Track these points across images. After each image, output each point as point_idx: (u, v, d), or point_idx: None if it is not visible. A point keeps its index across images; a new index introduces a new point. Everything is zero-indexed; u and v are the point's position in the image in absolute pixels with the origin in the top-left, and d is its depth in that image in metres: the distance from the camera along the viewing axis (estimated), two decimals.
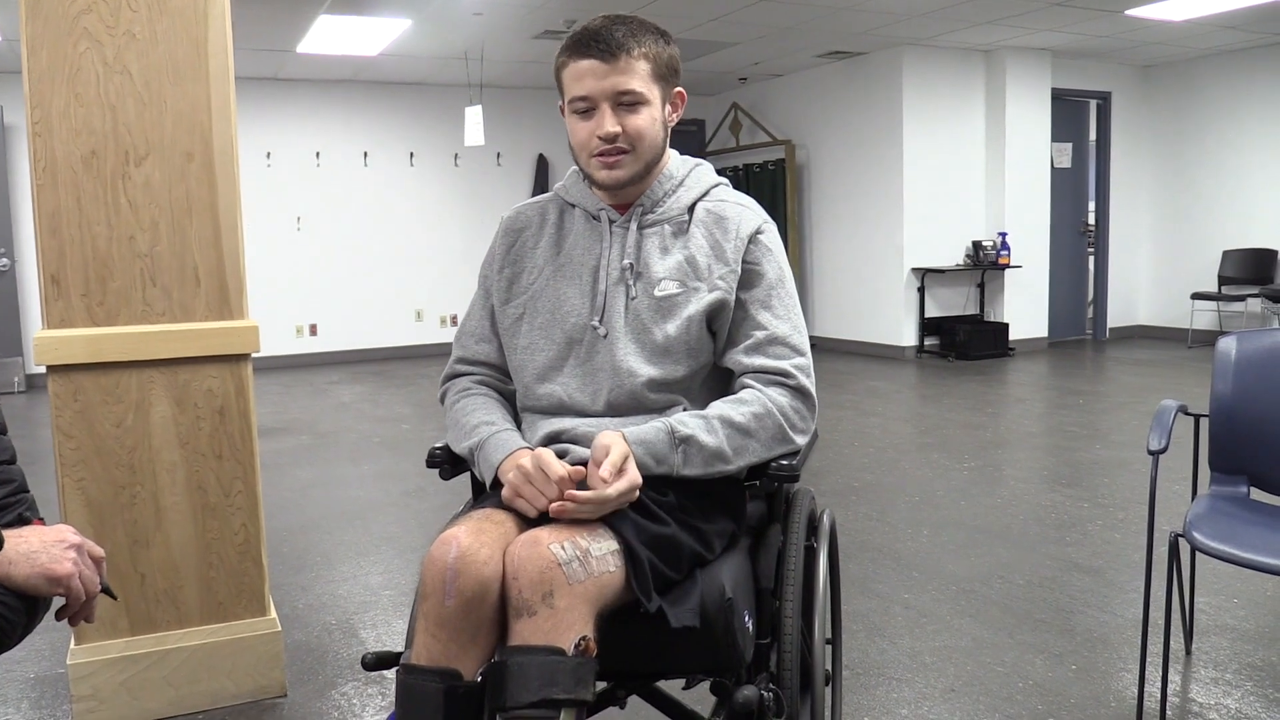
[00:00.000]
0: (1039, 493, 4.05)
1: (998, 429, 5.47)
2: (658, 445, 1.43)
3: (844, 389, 6.86)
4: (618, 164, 1.54)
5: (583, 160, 1.58)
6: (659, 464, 1.43)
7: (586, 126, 1.54)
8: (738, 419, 1.47)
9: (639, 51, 1.53)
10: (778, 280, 1.57)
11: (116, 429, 2.23)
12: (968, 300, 8.57)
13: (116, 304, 2.21)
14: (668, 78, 1.59)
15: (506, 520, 1.37)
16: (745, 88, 9.83)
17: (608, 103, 1.52)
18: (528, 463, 1.39)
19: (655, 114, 1.56)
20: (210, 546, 2.33)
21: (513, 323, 1.63)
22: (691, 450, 1.44)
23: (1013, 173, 8.39)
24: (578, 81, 1.53)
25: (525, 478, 1.38)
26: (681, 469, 1.44)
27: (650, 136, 1.55)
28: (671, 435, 1.44)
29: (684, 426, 1.45)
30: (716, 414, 1.48)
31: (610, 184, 1.56)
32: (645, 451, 1.42)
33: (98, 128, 2.16)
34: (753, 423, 1.48)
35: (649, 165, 1.58)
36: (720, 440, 1.46)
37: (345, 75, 8.61)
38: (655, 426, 1.45)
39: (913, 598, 2.91)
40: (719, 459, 1.46)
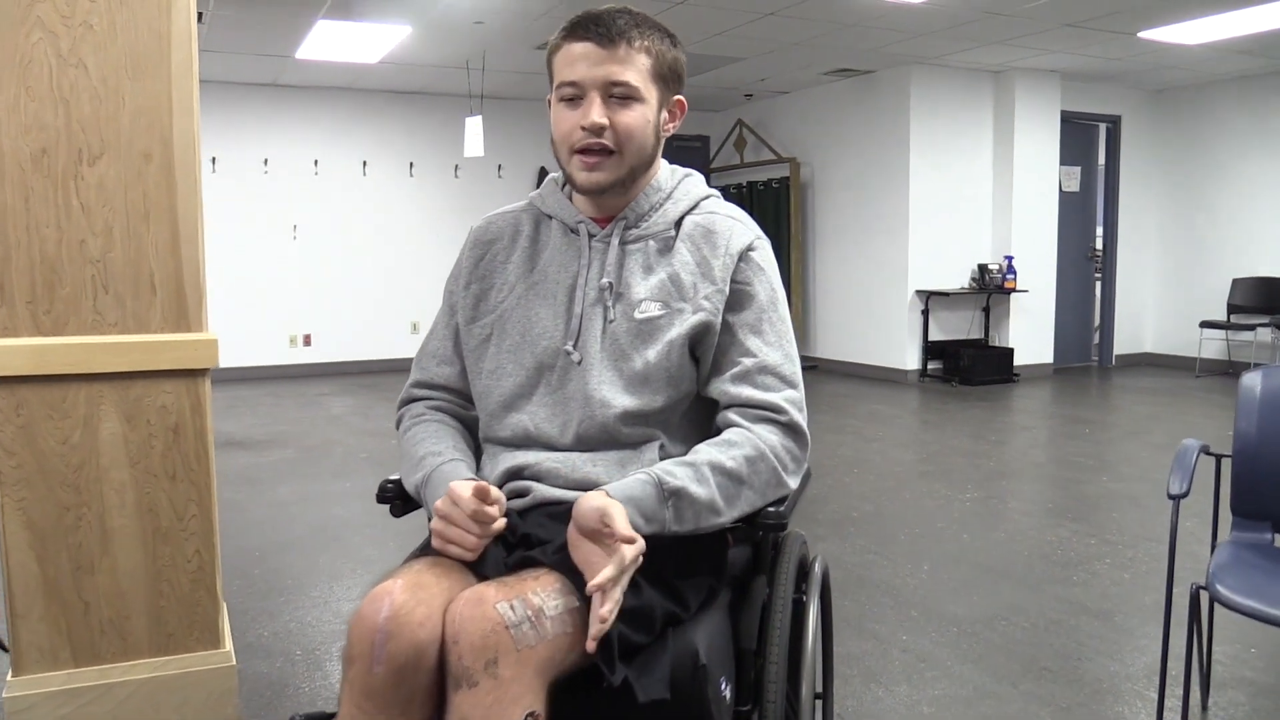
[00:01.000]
0: (1044, 527, 3.89)
1: (1002, 458, 5.32)
2: (646, 501, 1.27)
3: (844, 413, 6.70)
4: (599, 165, 1.40)
5: (563, 156, 1.43)
6: (649, 522, 1.26)
7: (571, 116, 1.40)
8: (729, 465, 1.32)
9: (640, 44, 1.39)
10: (770, 303, 1.42)
11: (62, 446, 2.08)
12: (972, 324, 8.42)
13: (65, 312, 2.06)
14: (668, 81, 1.44)
15: (452, 571, 1.21)
16: (750, 104, 9.72)
17: (598, 92, 1.38)
18: (442, 504, 1.24)
19: (649, 115, 1.41)
20: (161, 573, 2.17)
21: (478, 344, 1.48)
22: (682, 504, 1.29)
23: (1020, 196, 8.25)
24: (569, 66, 1.39)
25: (445, 519, 1.23)
26: (672, 526, 1.28)
27: (640, 139, 1.41)
28: (660, 489, 1.28)
29: (672, 478, 1.29)
30: (706, 460, 1.32)
31: (590, 187, 1.41)
32: (634, 510, 1.25)
33: (49, 124, 2.02)
34: (745, 468, 1.33)
35: (635, 172, 1.43)
36: (712, 491, 1.30)
37: (345, 83, 8.49)
38: (641, 480, 1.28)
39: (911, 640, 2.75)
40: (711, 511, 1.31)
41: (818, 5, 6.01)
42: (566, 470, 1.35)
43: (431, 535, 1.26)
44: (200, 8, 5.90)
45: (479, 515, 1.22)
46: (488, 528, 1.24)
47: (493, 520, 1.24)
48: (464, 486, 1.24)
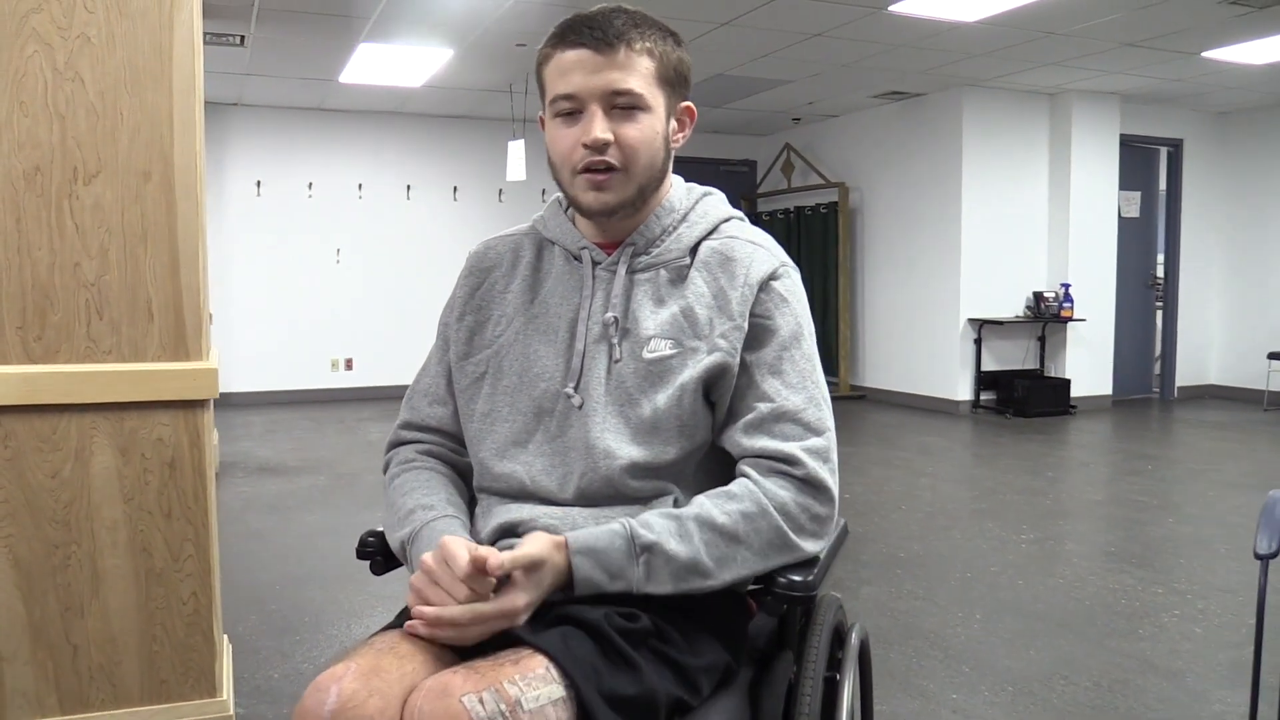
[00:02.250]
0: (1106, 573, 3.65)
1: (1058, 496, 5.06)
2: (611, 555, 1.11)
3: (893, 445, 6.46)
4: (608, 184, 1.24)
5: (564, 178, 1.27)
6: (613, 579, 1.11)
7: (570, 134, 1.24)
8: (720, 520, 1.15)
9: (642, 45, 1.23)
10: (792, 338, 1.24)
11: (51, 480, 1.96)
12: (1027, 354, 8.14)
13: (56, 339, 1.95)
14: (675, 85, 1.28)
15: (416, 654, 1.05)
16: (798, 128, 9.55)
17: (599, 104, 1.22)
18: (430, 559, 1.08)
19: (657, 126, 1.25)
20: (154, 617, 2.05)
21: (471, 383, 1.32)
22: (657, 561, 1.12)
23: (1077, 221, 7.97)
24: (563, 77, 1.23)
25: (429, 579, 1.08)
26: (644, 585, 1.12)
27: (648, 153, 1.25)
28: (631, 541, 1.12)
29: (648, 531, 1.13)
30: (694, 514, 1.16)
31: (597, 209, 1.25)
32: (595, 564, 1.10)
33: (43, 140, 1.92)
34: (741, 525, 1.15)
35: (644, 190, 1.27)
36: (695, 549, 1.13)
37: (389, 107, 8.48)
38: (610, 531, 1.13)
39: (963, 699, 2.54)
40: (694, 573, 1.14)
41: (866, 26, 5.85)
42: (565, 528, 1.19)
43: (409, 594, 1.11)
44: (241, 31, 5.90)
45: (471, 581, 1.06)
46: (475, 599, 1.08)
47: (485, 597, 1.07)
48: (459, 545, 1.08)
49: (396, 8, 5.48)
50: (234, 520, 4.47)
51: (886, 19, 5.70)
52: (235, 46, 6.23)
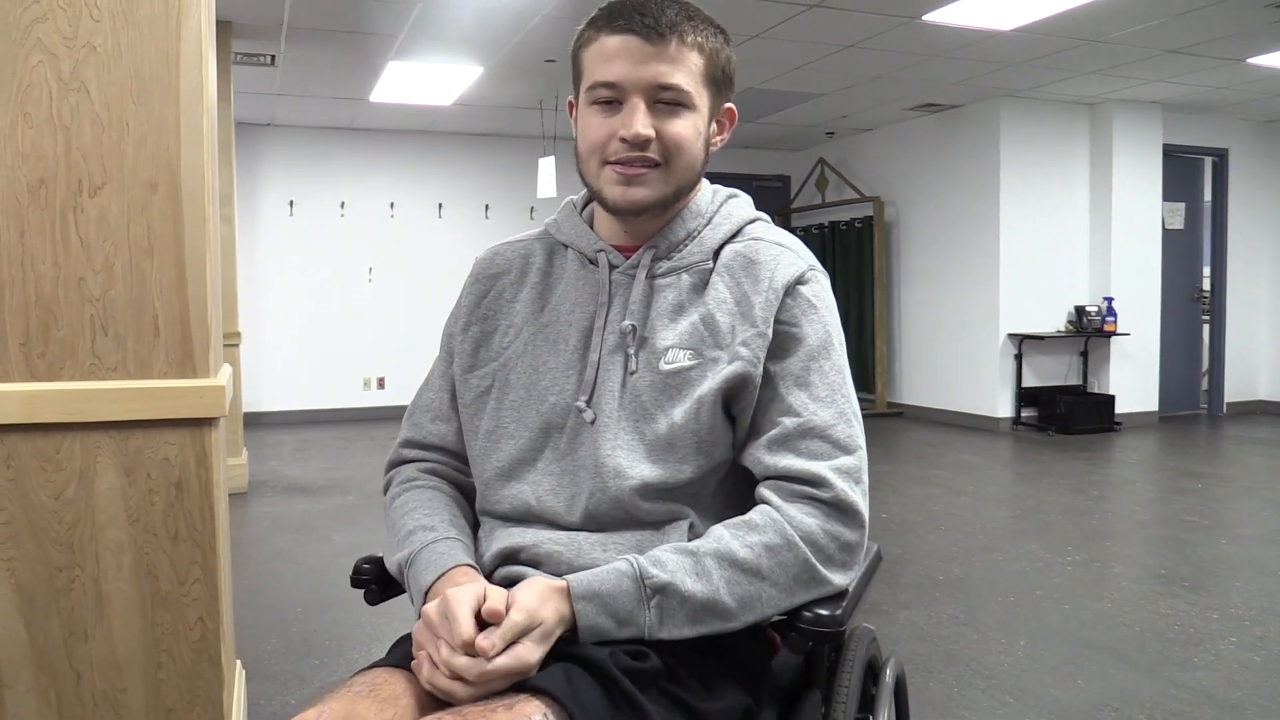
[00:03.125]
0: (1156, 597, 3.49)
1: (1104, 515, 4.88)
2: (620, 599, 1.01)
3: (931, 463, 6.31)
4: (641, 179, 1.14)
5: (591, 169, 1.18)
6: (622, 625, 1.01)
7: (606, 124, 1.14)
8: (741, 555, 1.05)
9: (694, 39, 1.14)
10: (821, 348, 1.14)
11: (54, 501, 1.90)
12: (1069, 369, 7.94)
13: (60, 356, 1.89)
14: (721, 85, 1.19)
15: (400, 697, 0.96)
16: (832, 142, 9.44)
17: (641, 97, 1.13)
18: (433, 609, 0.99)
19: (699, 125, 1.17)
20: (159, 643, 1.97)
21: (475, 398, 1.24)
22: (670, 603, 1.02)
23: (1120, 234, 7.79)
24: (605, 64, 1.13)
25: (430, 631, 0.98)
26: (657, 631, 1.02)
27: (689, 152, 1.16)
28: (640, 583, 1.02)
29: (659, 569, 1.03)
30: (711, 548, 1.05)
31: (625, 205, 1.16)
32: (599, 609, 1.01)
33: (48, 152, 1.87)
34: (764, 559, 1.05)
35: (679, 192, 1.18)
36: (715, 587, 1.03)
37: (420, 125, 8.48)
38: (616, 570, 1.03)
39: None
40: (714, 614, 1.04)
41: (900, 36, 5.74)
42: (570, 555, 1.10)
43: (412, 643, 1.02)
44: (271, 50, 5.91)
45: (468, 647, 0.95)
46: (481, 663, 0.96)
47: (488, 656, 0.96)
48: (462, 605, 0.97)
49: (424, 25, 5.46)
50: (260, 540, 4.43)
51: (920, 29, 5.59)
52: (266, 66, 6.24)
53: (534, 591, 1.00)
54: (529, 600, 0.98)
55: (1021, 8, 5.27)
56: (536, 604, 0.98)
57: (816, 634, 1.03)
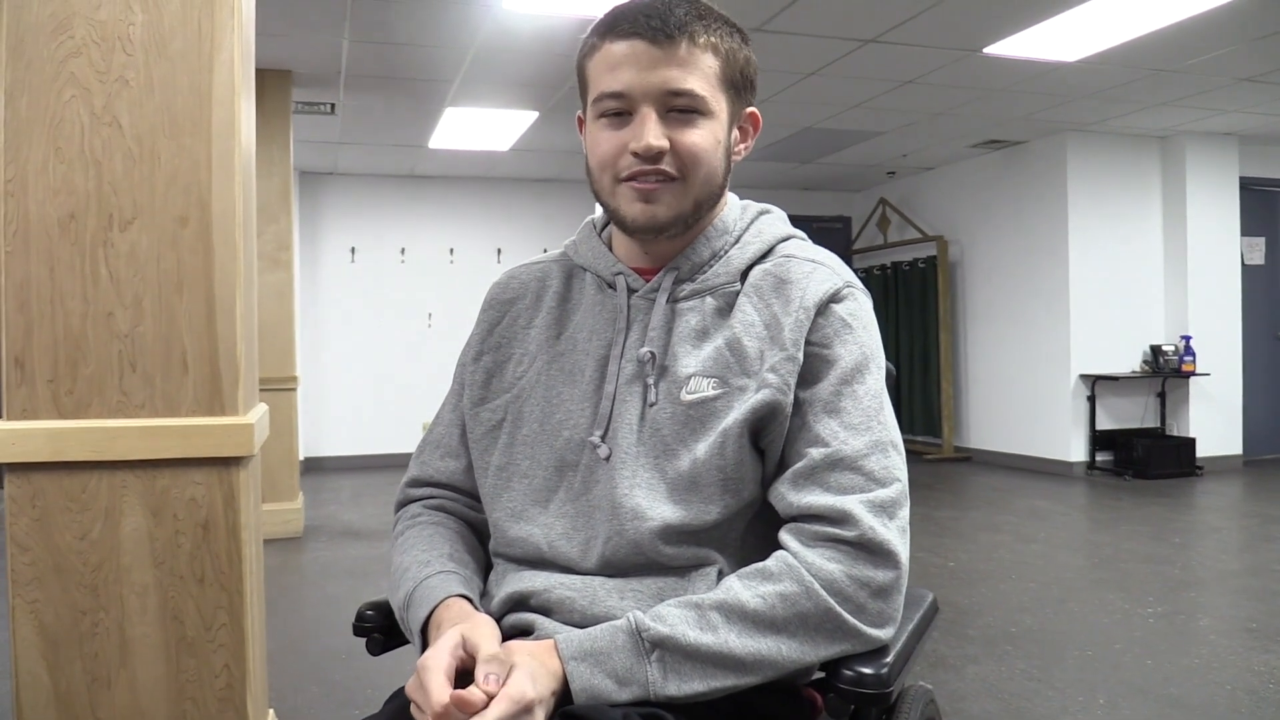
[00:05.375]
0: (1247, 652, 3.25)
1: (1188, 564, 4.62)
2: (616, 656, 0.91)
3: (1001, 509, 6.07)
4: (657, 195, 1.05)
5: (604, 187, 1.09)
6: (623, 685, 0.91)
7: (616, 138, 1.06)
8: (752, 605, 0.94)
9: (706, 40, 1.05)
10: (855, 371, 1.03)
11: (80, 542, 1.85)
12: (1146, 411, 7.63)
13: (88, 393, 1.85)
14: (740, 89, 1.10)
15: None
16: (893, 182, 9.30)
17: (652, 105, 1.04)
18: (412, 685, 0.90)
19: (719, 134, 1.07)
20: (184, 690, 1.91)
21: (486, 432, 1.15)
22: (673, 659, 0.92)
23: (1196, 270, 7.50)
24: (611, 72, 1.05)
25: (417, 693, 0.89)
26: (663, 688, 0.91)
27: (709, 164, 1.06)
28: (637, 638, 0.92)
29: (659, 624, 0.93)
30: (717, 599, 0.95)
31: (644, 224, 1.06)
32: (594, 668, 0.91)
33: (79, 187, 1.85)
34: (779, 609, 0.94)
35: (700, 207, 1.09)
36: (722, 639, 0.92)
37: (479, 172, 8.55)
38: (611, 627, 0.94)
39: None
40: (725, 668, 0.93)
41: (960, 70, 5.63)
42: (584, 602, 1.00)
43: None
44: (331, 99, 5.99)
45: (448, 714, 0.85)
46: None
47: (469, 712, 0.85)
48: (435, 670, 0.88)
49: (478, 71, 5.49)
50: (310, 585, 4.38)
51: (981, 62, 5.47)
52: (326, 115, 6.34)
53: (524, 673, 0.89)
54: (520, 686, 0.87)
55: (1086, 38, 5.12)
56: (528, 687, 0.88)
57: (859, 695, 0.91)
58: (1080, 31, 5.01)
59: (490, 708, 0.84)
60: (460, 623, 0.94)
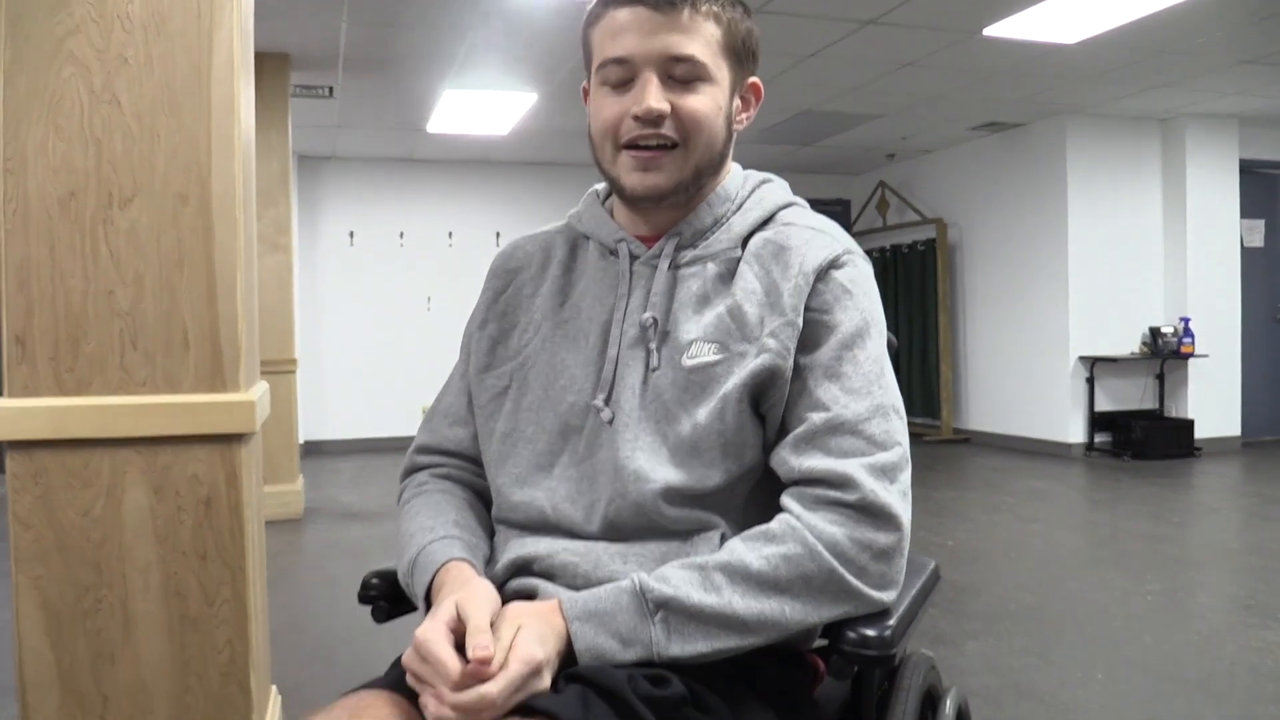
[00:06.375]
0: (1245, 629, 3.27)
1: (1186, 544, 4.64)
2: (620, 617, 0.92)
3: (1000, 489, 6.08)
4: (656, 162, 1.06)
5: (605, 155, 1.10)
6: (627, 645, 0.92)
7: (618, 104, 1.07)
8: (755, 566, 0.95)
9: (708, 9, 1.06)
10: (855, 335, 1.04)
11: (83, 519, 1.86)
12: (1145, 393, 7.64)
13: (89, 370, 1.86)
14: (742, 58, 1.11)
15: (389, 717, 0.88)
16: (893, 165, 9.28)
17: (654, 70, 1.05)
18: (411, 659, 0.89)
19: (720, 100, 1.08)
20: (188, 666, 1.92)
21: (491, 399, 1.15)
22: (677, 620, 0.92)
23: (1196, 252, 7.50)
24: (613, 39, 1.06)
25: (417, 657, 0.89)
26: (667, 648, 0.92)
27: (710, 130, 1.07)
28: (641, 598, 0.93)
29: (663, 584, 0.94)
30: (721, 561, 0.95)
31: (643, 193, 1.08)
32: (599, 629, 0.92)
33: (79, 165, 1.85)
34: (782, 570, 0.95)
35: (700, 174, 1.09)
36: (726, 600, 0.93)
37: (478, 155, 8.53)
38: (615, 587, 0.94)
39: None
40: (729, 629, 0.94)
41: (960, 53, 5.61)
42: (587, 566, 1.00)
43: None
44: (329, 82, 5.97)
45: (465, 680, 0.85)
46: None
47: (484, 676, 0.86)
48: (437, 641, 0.88)
49: (478, 53, 5.48)
50: (311, 566, 4.40)
51: (980, 44, 5.45)
52: (324, 98, 6.32)
53: (532, 635, 0.89)
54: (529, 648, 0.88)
55: (1086, 20, 5.10)
56: (536, 649, 0.88)
57: (862, 657, 0.91)
58: (1080, 13, 4.99)
59: (503, 672, 0.85)
60: (459, 589, 0.95)
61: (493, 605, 0.93)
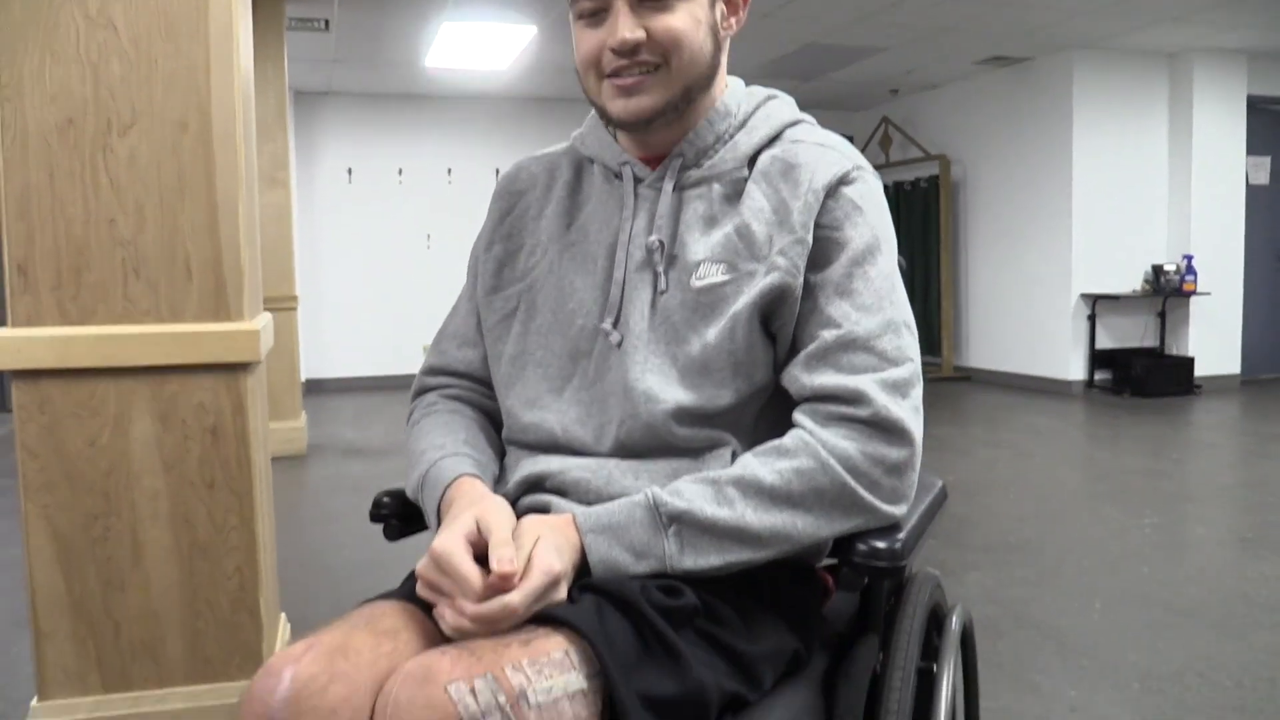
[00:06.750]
0: (1242, 561, 3.30)
1: (1184, 479, 4.67)
2: (632, 529, 0.93)
3: (1000, 426, 6.11)
4: (639, 87, 1.04)
5: (590, 86, 1.09)
6: (639, 558, 0.93)
7: (595, 36, 1.05)
8: (768, 480, 0.95)
9: None
10: (866, 252, 1.02)
11: (89, 448, 1.87)
12: (1146, 331, 7.64)
13: (92, 300, 1.85)
14: None
15: (401, 630, 0.88)
16: (896, 100, 9.17)
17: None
18: (427, 569, 0.90)
19: (699, 14, 1.05)
20: (197, 592, 1.94)
21: (499, 321, 1.15)
22: (691, 533, 0.93)
23: (1200, 190, 7.44)
24: None
25: (436, 569, 0.89)
26: (680, 561, 0.93)
27: (691, 45, 1.04)
28: (654, 511, 0.93)
29: (676, 499, 0.94)
30: (734, 475, 0.96)
31: (629, 118, 1.06)
32: (612, 541, 0.92)
33: (76, 91, 1.82)
34: (795, 483, 0.95)
35: (690, 91, 1.07)
36: (739, 514, 0.93)
37: (477, 91, 8.42)
38: (629, 502, 0.95)
39: (1082, 696, 2.28)
40: (741, 543, 0.94)
41: None
42: (599, 482, 1.01)
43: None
44: (325, 14, 5.87)
45: (489, 590, 0.85)
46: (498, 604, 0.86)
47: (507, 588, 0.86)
48: (456, 552, 0.87)
49: None
50: (316, 502, 4.43)
51: None
52: (320, 31, 6.21)
53: (550, 546, 0.90)
54: (548, 559, 0.88)
55: None
56: (554, 559, 0.89)
57: (873, 569, 0.92)
58: None
59: (524, 581, 0.85)
60: (474, 505, 0.95)
61: (511, 519, 0.93)
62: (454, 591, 0.86)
